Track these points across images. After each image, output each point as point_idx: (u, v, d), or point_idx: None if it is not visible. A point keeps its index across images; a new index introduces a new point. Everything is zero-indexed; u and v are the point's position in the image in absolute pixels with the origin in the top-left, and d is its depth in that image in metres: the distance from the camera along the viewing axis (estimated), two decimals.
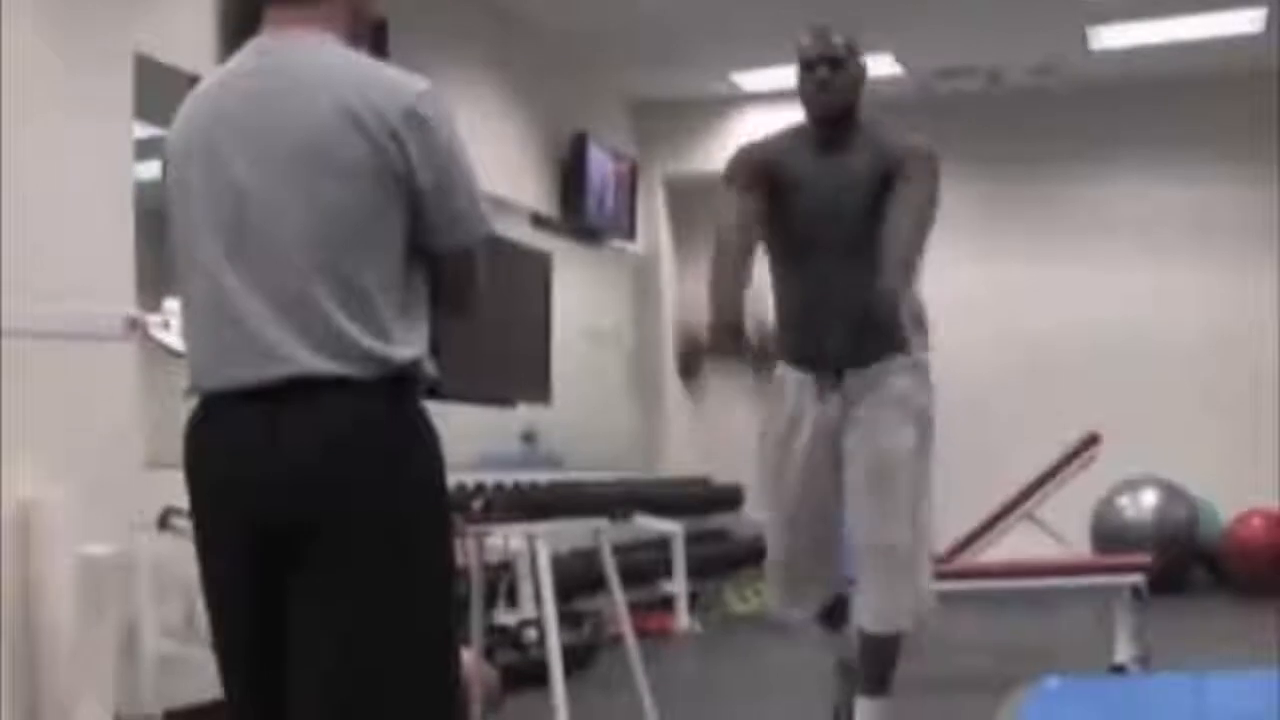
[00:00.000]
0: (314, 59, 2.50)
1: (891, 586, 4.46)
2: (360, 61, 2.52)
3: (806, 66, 4.58)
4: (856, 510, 4.54)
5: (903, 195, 4.48)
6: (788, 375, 4.70)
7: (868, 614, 4.52)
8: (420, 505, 2.46)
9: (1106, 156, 12.24)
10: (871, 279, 4.45)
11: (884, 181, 4.51)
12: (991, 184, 12.45)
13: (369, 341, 2.41)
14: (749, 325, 4.51)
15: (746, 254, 4.55)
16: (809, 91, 4.59)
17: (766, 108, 11.16)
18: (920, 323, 4.63)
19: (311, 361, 2.39)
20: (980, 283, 12.25)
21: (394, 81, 2.48)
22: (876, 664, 4.58)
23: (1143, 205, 12.16)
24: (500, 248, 2.63)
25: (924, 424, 4.61)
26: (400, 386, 2.45)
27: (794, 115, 4.77)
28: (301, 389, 2.39)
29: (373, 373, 2.41)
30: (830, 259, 4.56)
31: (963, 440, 8.37)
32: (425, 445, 2.48)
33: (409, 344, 2.46)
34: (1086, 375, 11.88)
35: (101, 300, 5.85)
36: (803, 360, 4.66)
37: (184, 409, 2.59)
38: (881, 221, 4.48)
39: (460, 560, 3.54)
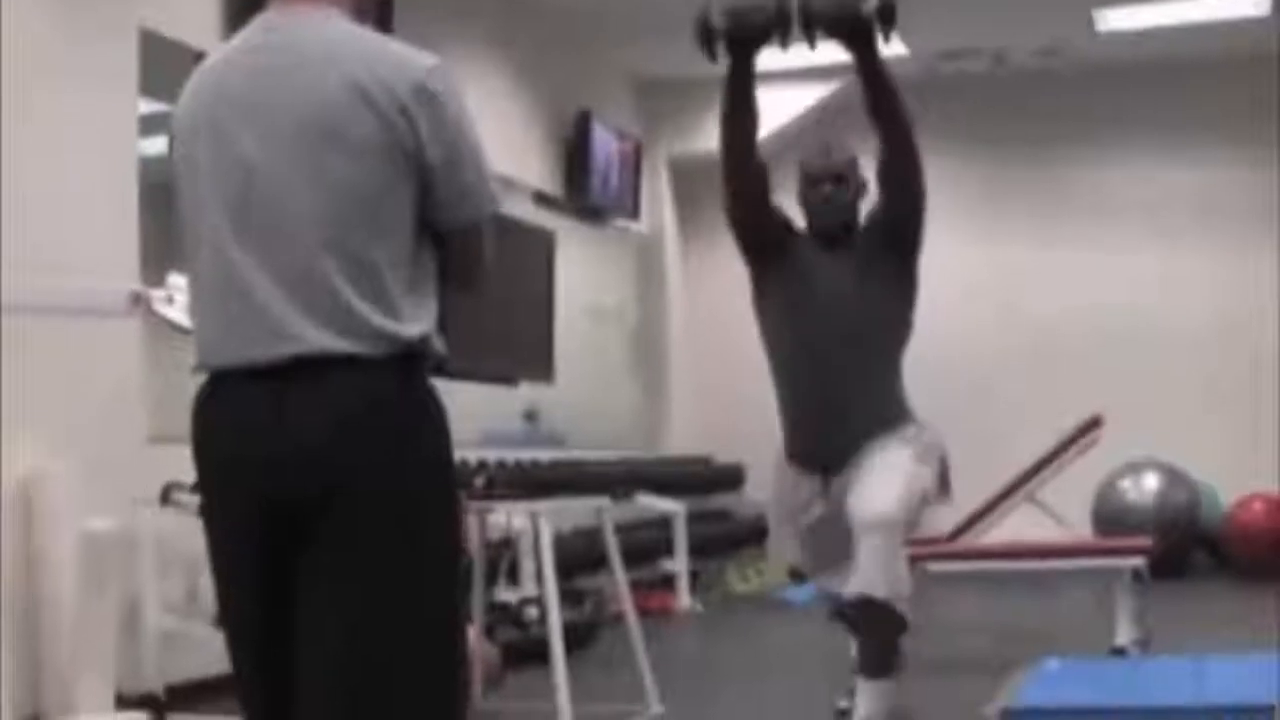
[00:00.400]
0: (321, 34, 2.49)
1: (883, 559, 4.45)
2: (368, 37, 2.51)
3: (811, 182, 4.72)
4: (857, 499, 4.53)
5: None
6: (789, 471, 4.81)
7: (861, 582, 4.49)
8: (428, 484, 2.46)
9: (1111, 139, 12.22)
10: (869, 379, 4.58)
11: (883, 254, 4.65)
12: (996, 166, 12.45)
13: (378, 319, 2.40)
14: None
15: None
16: (813, 206, 4.74)
17: (771, 88, 11.14)
18: (910, 416, 4.73)
19: (320, 339, 2.38)
20: (984, 265, 12.25)
21: (402, 57, 2.47)
22: (871, 641, 4.57)
23: (1147, 188, 12.15)
24: (504, 226, 2.63)
25: (924, 450, 4.63)
26: (409, 364, 2.44)
27: (796, 95, 4.79)
28: (310, 367, 2.38)
29: (382, 350, 2.40)
30: (827, 363, 4.64)
31: (965, 422, 8.36)
32: (434, 423, 2.48)
33: (418, 321, 2.45)
34: (1090, 358, 11.88)
35: (105, 275, 5.85)
36: (806, 460, 4.75)
37: (187, 384, 2.59)
38: (880, 321, 4.68)
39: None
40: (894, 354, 4.74)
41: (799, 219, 4.81)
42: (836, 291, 4.62)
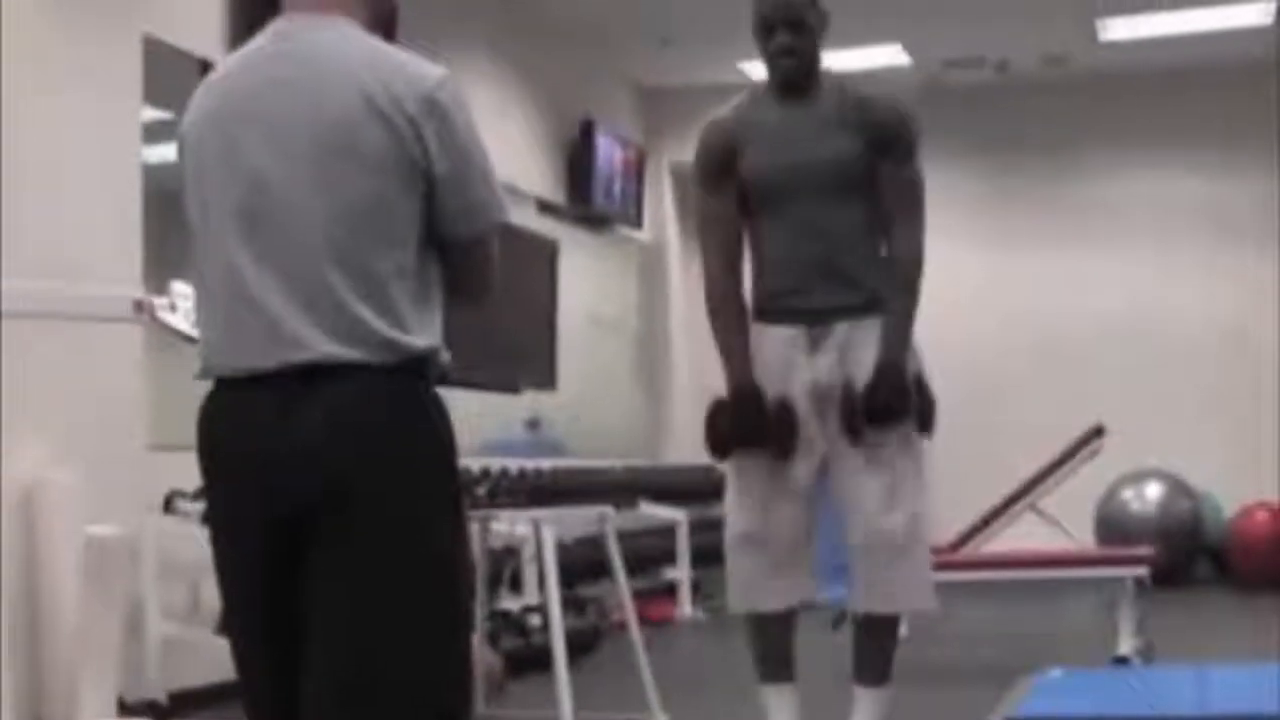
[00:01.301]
0: (332, 45, 2.50)
1: (895, 568, 4.39)
2: (378, 48, 2.52)
3: (766, 30, 4.48)
4: (856, 499, 4.42)
5: (896, 192, 4.44)
6: (769, 333, 4.47)
7: (875, 596, 4.44)
8: (433, 490, 2.46)
9: (1114, 148, 12.23)
10: (849, 219, 4.41)
11: (859, 133, 4.41)
12: (998, 175, 12.46)
13: (384, 328, 2.41)
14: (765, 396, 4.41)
15: (738, 279, 4.53)
16: (772, 57, 4.50)
17: None
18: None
19: (327, 347, 2.39)
20: (985, 274, 12.25)
21: (412, 68, 2.47)
22: (877, 650, 4.53)
23: (1150, 197, 12.16)
24: (507, 234, 2.62)
25: (916, 399, 4.49)
26: (414, 373, 2.45)
27: None
28: (316, 374, 2.39)
29: (388, 358, 2.41)
30: (806, 205, 4.42)
31: (967, 431, 8.36)
32: (438, 430, 2.48)
33: (424, 333, 2.46)
34: (1092, 367, 11.88)
35: (108, 282, 5.85)
36: (786, 313, 4.45)
37: (190, 392, 2.59)
38: (846, 165, 4.42)
39: None
40: (866, 205, 4.46)
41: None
42: (802, 141, 4.44)
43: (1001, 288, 12.29)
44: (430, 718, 2.45)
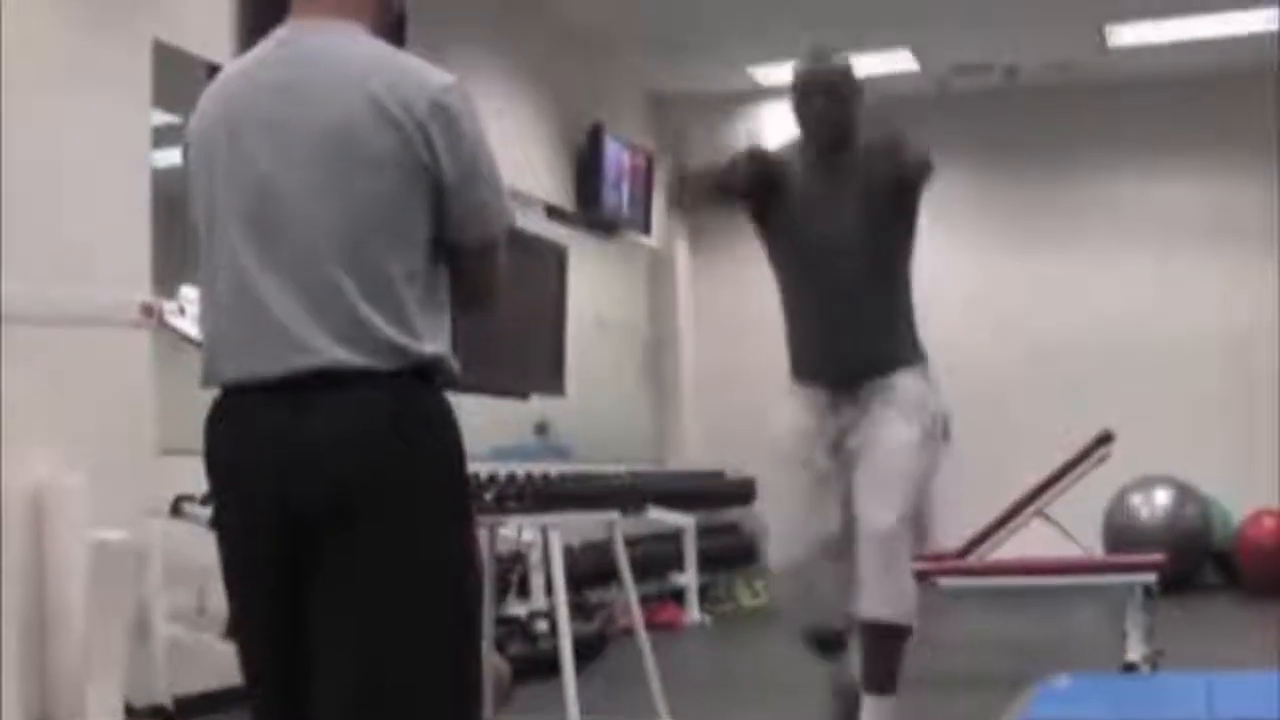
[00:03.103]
0: (340, 49, 2.50)
1: (884, 574, 4.42)
2: (387, 52, 2.51)
3: (803, 95, 4.61)
4: (859, 501, 4.50)
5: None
6: (799, 392, 4.70)
7: (863, 601, 4.48)
8: (440, 497, 2.46)
9: (1121, 153, 12.22)
10: (875, 301, 4.55)
11: (883, 200, 4.54)
12: (1007, 181, 12.44)
13: (392, 333, 2.40)
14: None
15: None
16: (806, 121, 4.63)
17: (784, 103, 11.12)
18: (921, 351, 4.67)
19: (335, 353, 2.38)
20: (993, 279, 12.25)
21: (420, 73, 2.47)
22: (875, 657, 4.53)
23: (1158, 203, 12.15)
24: (516, 239, 2.62)
25: (929, 423, 4.57)
26: (423, 378, 2.45)
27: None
28: (325, 380, 2.39)
29: (396, 364, 2.41)
30: (833, 286, 4.58)
31: (970, 438, 8.34)
32: (446, 437, 2.48)
33: (433, 339, 2.46)
34: (1101, 373, 11.86)
35: (117, 286, 5.86)
36: (813, 379, 4.67)
37: (198, 396, 2.59)
38: (880, 240, 4.57)
39: None
40: (897, 273, 4.65)
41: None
42: (837, 214, 4.55)
43: (1007, 294, 12.28)
44: None
